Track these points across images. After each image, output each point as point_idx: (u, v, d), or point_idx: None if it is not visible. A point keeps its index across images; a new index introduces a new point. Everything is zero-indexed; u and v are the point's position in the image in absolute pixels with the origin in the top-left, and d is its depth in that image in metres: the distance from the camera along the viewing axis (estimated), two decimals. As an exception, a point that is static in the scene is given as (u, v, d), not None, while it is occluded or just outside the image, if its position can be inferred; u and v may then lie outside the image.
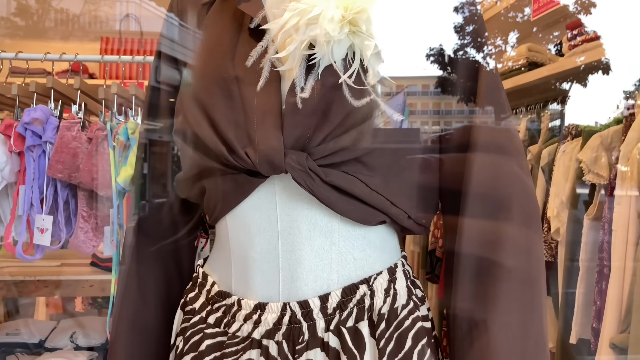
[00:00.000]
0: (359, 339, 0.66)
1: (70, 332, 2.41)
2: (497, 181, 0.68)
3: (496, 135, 0.71)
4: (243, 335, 0.69)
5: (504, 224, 0.66)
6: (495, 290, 0.66)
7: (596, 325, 1.48)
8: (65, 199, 1.23)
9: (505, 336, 0.64)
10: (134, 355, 0.77)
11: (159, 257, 0.81)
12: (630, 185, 1.40)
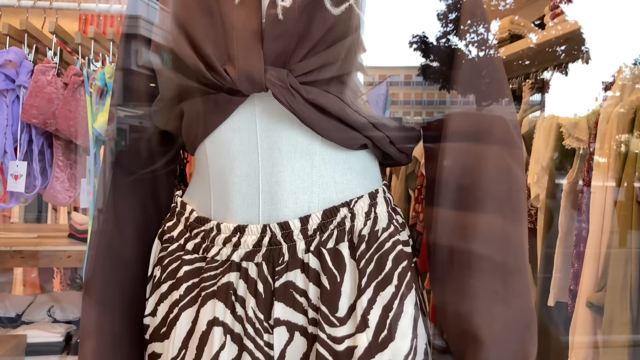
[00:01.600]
0: (339, 260, 0.66)
1: (47, 307, 2.38)
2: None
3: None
4: (222, 259, 0.68)
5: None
6: (476, 217, 0.66)
7: (574, 287, 1.50)
8: (41, 149, 1.20)
9: (485, 253, 0.64)
10: (110, 287, 0.76)
11: (137, 190, 0.79)
12: (609, 148, 1.42)
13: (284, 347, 0.67)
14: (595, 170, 1.43)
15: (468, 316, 0.64)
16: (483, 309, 0.63)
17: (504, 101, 0.70)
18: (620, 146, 1.40)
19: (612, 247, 1.38)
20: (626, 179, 1.36)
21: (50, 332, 2.14)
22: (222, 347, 0.66)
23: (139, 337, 0.76)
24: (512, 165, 0.67)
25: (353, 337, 0.65)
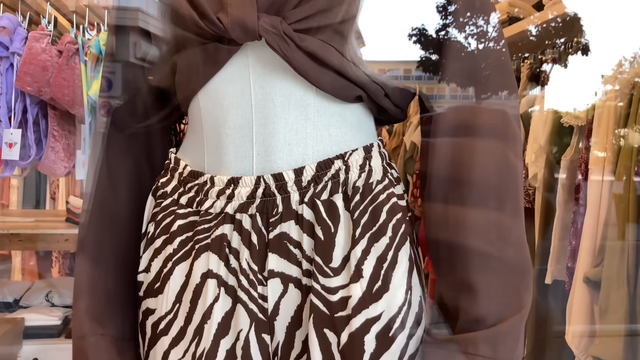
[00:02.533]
0: (333, 211, 0.65)
1: (45, 292, 2.38)
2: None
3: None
4: (216, 212, 0.68)
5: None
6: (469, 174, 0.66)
7: (571, 265, 1.50)
8: (35, 119, 1.19)
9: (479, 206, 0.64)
10: (104, 245, 0.76)
11: (130, 149, 0.79)
12: (607, 124, 1.42)
13: (278, 299, 0.66)
14: (593, 147, 1.43)
15: (462, 267, 0.64)
16: (478, 259, 0.63)
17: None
18: (619, 124, 1.40)
19: (609, 223, 1.38)
20: (624, 155, 1.36)
21: (49, 315, 2.13)
22: (216, 300, 0.66)
23: (133, 295, 0.76)
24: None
25: (347, 287, 0.65)
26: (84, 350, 0.71)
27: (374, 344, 0.64)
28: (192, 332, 0.68)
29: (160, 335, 0.70)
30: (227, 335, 0.67)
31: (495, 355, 0.59)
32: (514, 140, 0.68)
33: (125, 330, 0.75)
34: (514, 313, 0.61)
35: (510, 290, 0.62)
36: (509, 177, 0.67)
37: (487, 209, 0.65)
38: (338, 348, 0.65)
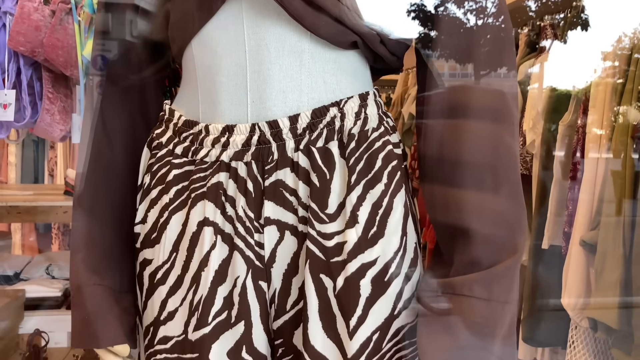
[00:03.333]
0: (328, 158, 0.66)
1: (45, 265, 2.39)
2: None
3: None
4: (211, 160, 0.68)
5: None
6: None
7: (568, 230, 1.51)
8: (29, 81, 1.18)
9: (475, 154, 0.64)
10: (100, 198, 0.76)
11: (125, 103, 0.79)
12: (605, 88, 1.41)
13: (274, 247, 0.67)
14: (591, 111, 1.43)
15: (457, 210, 0.64)
16: (472, 202, 0.63)
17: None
18: (617, 87, 1.39)
19: (606, 187, 1.38)
20: (621, 126, 1.36)
21: (49, 287, 2.15)
22: (213, 247, 0.67)
23: (130, 248, 0.76)
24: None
25: (342, 233, 0.65)
26: (81, 299, 0.72)
27: (370, 288, 0.65)
28: (189, 280, 0.69)
29: (158, 284, 0.71)
30: (224, 282, 0.67)
31: (490, 297, 0.60)
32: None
33: (123, 283, 0.76)
34: (509, 256, 0.62)
35: (505, 233, 0.62)
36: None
37: (483, 155, 0.65)
38: (334, 293, 0.65)
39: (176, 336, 0.70)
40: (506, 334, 0.62)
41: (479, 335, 0.59)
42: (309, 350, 0.66)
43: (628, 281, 1.30)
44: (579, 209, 1.43)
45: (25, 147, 3.70)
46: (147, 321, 0.73)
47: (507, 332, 0.62)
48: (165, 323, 0.70)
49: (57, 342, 2.12)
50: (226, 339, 0.68)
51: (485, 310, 0.60)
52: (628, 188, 1.30)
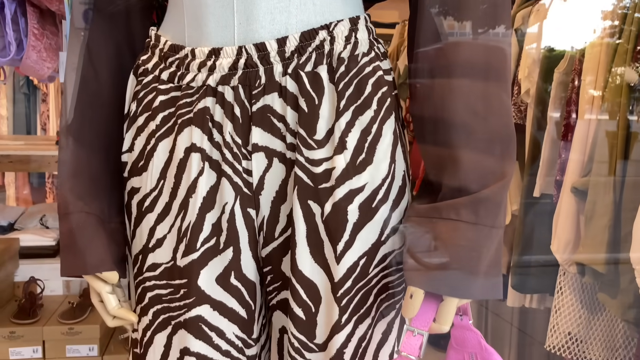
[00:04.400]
0: (317, 83, 0.64)
1: (39, 216, 2.39)
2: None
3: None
4: (197, 85, 0.67)
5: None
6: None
7: (560, 178, 1.51)
8: (14, 16, 1.15)
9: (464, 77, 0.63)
10: (87, 127, 0.75)
11: (111, 33, 0.77)
12: (602, 35, 1.39)
13: (262, 174, 0.67)
14: (587, 57, 1.41)
15: (447, 137, 0.63)
16: (462, 128, 0.63)
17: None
18: (613, 37, 1.37)
19: (599, 134, 1.38)
20: (616, 66, 1.34)
21: (43, 236, 2.16)
22: (201, 174, 0.66)
23: (118, 179, 0.76)
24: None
25: (331, 159, 0.65)
26: (69, 226, 0.72)
27: (357, 214, 0.65)
28: (177, 207, 0.68)
29: (146, 212, 0.71)
30: (213, 209, 0.67)
31: (477, 221, 0.60)
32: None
33: (111, 213, 0.76)
34: (497, 180, 0.61)
35: (493, 159, 0.62)
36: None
37: (473, 80, 0.64)
38: (322, 219, 0.65)
39: (165, 263, 0.70)
40: (492, 259, 0.62)
41: (465, 259, 0.60)
42: (297, 275, 0.67)
43: (617, 226, 1.31)
44: (571, 157, 1.43)
45: (17, 102, 3.66)
46: (136, 249, 0.73)
47: (493, 257, 0.62)
48: (153, 250, 0.71)
49: (52, 289, 2.15)
50: (215, 265, 0.68)
51: (472, 234, 0.60)
52: (622, 132, 1.30)
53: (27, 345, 1.79)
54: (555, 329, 1.51)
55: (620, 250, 1.31)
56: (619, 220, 1.31)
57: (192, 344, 0.69)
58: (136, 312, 0.74)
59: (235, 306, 0.69)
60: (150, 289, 0.71)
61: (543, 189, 1.57)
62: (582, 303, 1.48)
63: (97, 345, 1.82)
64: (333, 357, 0.67)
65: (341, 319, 0.66)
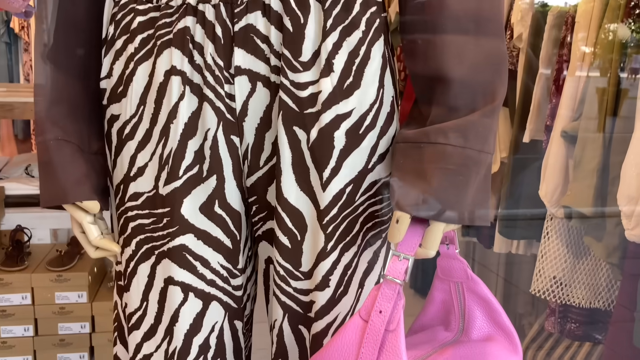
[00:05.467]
0: (303, 1, 0.62)
1: (24, 165, 2.36)
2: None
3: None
4: (177, 4, 0.64)
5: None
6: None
7: (550, 123, 1.50)
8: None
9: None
10: (64, 54, 0.71)
11: None
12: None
13: (246, 99, 0.64)
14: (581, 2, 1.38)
15: (437, 58, 0.61)
16: (453, 48, 0.60)
17: None
18: None
19: (590, 77, 1.36)
20: (610, 9, 1.31)
21: (29, 185, 2.13)
22: (182, 98, 0.64)
23: (97, 107, 0.73)
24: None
25: (317, 83, 0.62)
26: (48, 155, 0.69)
27: (344, 140, 0.63)
28: (158, 134, 0.66)
29: (126, 140, 0.69)
30: (195, 136, 0.65)
31: (466, 144, 0.59)
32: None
33: (92, 144, 0.73)
34: (487, 103, 0.60)
35: (484, 79, 0.60)
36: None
37: (467, 2, 0.61)
38: (307, 145, 0.64)
39: (147, 192, 0.68)
40: (480, 185, 0.61)
41: (452, 183, 0.59)
42: (283, 203, 0.66)
43: (605, 170, 1.31)
44: (562, 101, 1.41)
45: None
46: (117, 179, 0.71)
47: (481, 183, 0.61)
48: (135, 179, 0.69)
49: (40, 238, 2.14)
50: (198, 194, 0.67)
51: (460, 158, 0.59)
52: (613, 77, 1.28)
53: (16, 292, 1.79)
54: (540, 274, 1.53)
55: (608, 194, 1.31)
56: (607, 164, 1.31)
57: (176, 273, 0.68)
58: (119, 244, 0.73)
59: (219, 235, 0.68)
60: (133, 219, 0.70)
61: (533, 134, 1.56)
62: (568, 247, 1.49)
63: (86, 292, 1.83)
64: (318, 284, 0.67)
65: (327, 246, 0.66)
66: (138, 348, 0.73)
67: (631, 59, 1.29)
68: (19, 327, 1.80)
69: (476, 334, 0.71)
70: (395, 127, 0.67)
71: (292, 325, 0.70)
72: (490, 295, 0.71)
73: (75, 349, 1.84)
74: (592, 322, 1.53)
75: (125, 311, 0.74)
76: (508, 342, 0.71)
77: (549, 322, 1.58)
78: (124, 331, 0.77)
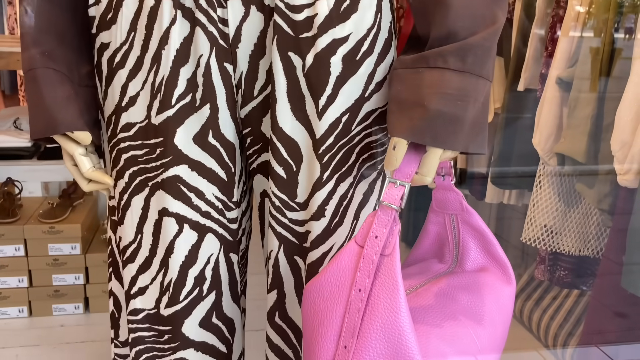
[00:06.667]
0: None
1: (12, 119, 2.32)
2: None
3: None
4: None
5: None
6: None
7: (545, 71, 1.49)
8: None
9: None
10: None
11: None
12: None
13: (239, 23, 0.63)
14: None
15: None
16: None
17: None
18: None
19: (587, 25, 1.34)
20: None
21: (18, 137, 2.10)
22: (173, 22, 0.62)
23: (87, 38, 0.71)
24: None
25: (313, 5, 0.61)
26: (36, 84, 0.67)
27: (340, 66, 0.62)
28: (149, 61, 0.65)
29: (117, 69, 0.67)
30: (187, 63, 0.64)
31: (465, 68, 0.58)
32: None
33: (81, 76, 0.72)
34: (487, 27, 0.58)
35: (483, 5, 0.59)
36: None
37: None
38: (303, 72, 0.62)
39: (139, 122, 0.67)
40: (479, 112, 0.60)
41: (451, 108, 0.58)
42: (278, 133, 0.65)
43: (599, 117, 1.31)
44: (558, 48, 1.40)
45: (-19, 5, 3.46)
46: (109, 110, 0.70)
47: (480, 110, 0.60)
48: (127, 109, 0.68)
49: (31, 191, 2.12)
50: (191, 123, 0.66)
51: (459, 82, 0.58)
52: (610, 22, 1.26)
53: (9, 244, 1.79)
54: (531, 222, 1.55)
55: (602, 140, 1.31)
56: (602, 110, 1.31)
57: (170, 204, 0.68)
58: (112, 177, 0.72)
59: (214, 167, 0.68)
60: (125, 151, 0.69)
61: (528, 83, 1.55)
62: (560, 196, 1.50)
63: (79, 244, 1.83)
64: (314, 214, 0.67)
65: (322, 176, 0.65)
66: (133, 281, 0.73)
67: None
68: (14, 279, 1.81)
69: (470, 266, 0.72)
70: (393, 55, 0.66)
71: (287, 255, 0.70)
72: (484, 226, 0.71)
73: (70, 300, 1.85)
74: (581, 269, 1.56)
75: (120, 245, 0.74)
76: (502, 272, 0.71)
77: (539, 270, 1.61)
78: (119, 266, 0.77)
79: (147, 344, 0.74)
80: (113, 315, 0.81)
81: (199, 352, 0.74)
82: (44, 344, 1.68)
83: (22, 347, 1.65)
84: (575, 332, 1.67)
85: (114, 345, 0.83)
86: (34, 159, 2.08)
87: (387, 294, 0.56)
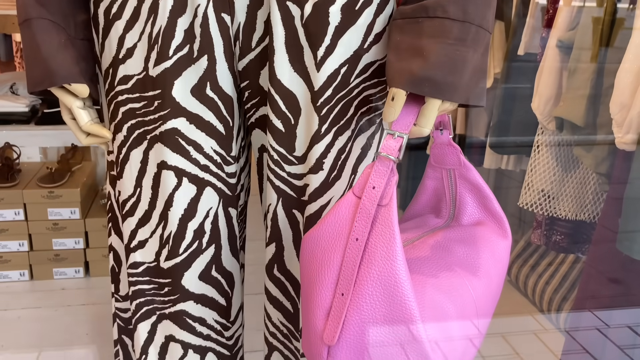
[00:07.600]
0: None
1: (9, 84, 2.30)
2: None
3: None
4: None
5: None
6: None
7: (545, 35, 1.47)
8: None
9: None
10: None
11: None
12: None
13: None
14: None
15: None
16: None
17: None
18: None
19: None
20: None
21: (14, 102, 2.09)
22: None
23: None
24: None
25: None
26: (32, 35, 0.67)
27: (339, 16, 0.62)
28: (146, 12, 0.64)
29: (114, 20, 0.66)
30: (184, 13, 0.63)
31: (465, 18, 0.57)
32: None
33: (77, 29, 0.71)
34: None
35: None
36: None
37: None
38: (301, 22, 0.62)
39: (136, 74, 0.67)
40: (478, 63, 0.60)
41: (450, 58, 0.57)
42: (276, 85, 0.65)
43: (599, 80, 1.30)
44: (559, 11, 1.38)
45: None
46: (106, 63, 0.69)
47: (479, 61, 0.60)
48: (124, 61, 0.67)
49: (29, 157, 2.12)
50: (189, 75, 0.65)
51: (459, 32, 0.57)
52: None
53: (9, 208, 1.79)
54: (529, 187, 1.56)
55: (601, 104, 1.31)
56: (602, 73, 1.30)
57: (169, 157, 0.68)
58: (110, 130, 0.72)
59: (212, 120, 0.68)
60: (123, 104, 0.69)
61: (528, 47, 1.54)
62: (557, 161, 1.51)
63: (79, 208, 1.83)
64: (312, 167, 0.67)
65: (321, 128, 0.65)
66: (133, 234, 0.73)
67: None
68: (14, 242, 1.82)
69: (467, 220, 0.73)
70: (392, 6, 0.65)
71: (286, 209, 0.71)
72: (481, 181, 0.71)
73: (71, 264, 1.87)
74: (577, 234, 1.57)
75: (119, 199, 0.74)
76: (498, 227, 0.72)
77: (535, 234, 1.62)
78: (118, 221, 0.78)
79: (147, 297, 0.75)
80: (113, 270, 0.82)
81: (199, 305, 0.75)
82: (45, 306, 1.70)
83: (24, 309, 1.68)
84: (570, 296, 1.69)
85: (115, 299, 0.84)
86: (32, 124, 2.07)
87: (384, 242, 0.56)
